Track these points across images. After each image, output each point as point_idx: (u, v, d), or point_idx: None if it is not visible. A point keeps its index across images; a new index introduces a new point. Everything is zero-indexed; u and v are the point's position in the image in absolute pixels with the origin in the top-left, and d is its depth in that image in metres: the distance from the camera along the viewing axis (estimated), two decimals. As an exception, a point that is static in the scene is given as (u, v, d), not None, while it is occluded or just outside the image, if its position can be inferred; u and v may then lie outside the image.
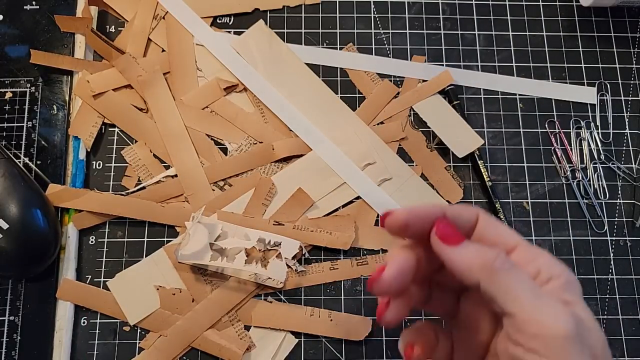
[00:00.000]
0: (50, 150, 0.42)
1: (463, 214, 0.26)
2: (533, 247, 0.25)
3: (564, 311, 0.22)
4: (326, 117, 0.44)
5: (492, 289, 0.23)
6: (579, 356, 0.22)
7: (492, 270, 0.23)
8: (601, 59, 0.47)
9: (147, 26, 0.45)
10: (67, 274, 0.40)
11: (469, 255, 0.24)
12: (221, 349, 0.38)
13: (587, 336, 0.23)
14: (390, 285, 0.25)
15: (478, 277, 0.23)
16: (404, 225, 0.25)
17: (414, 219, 0.25)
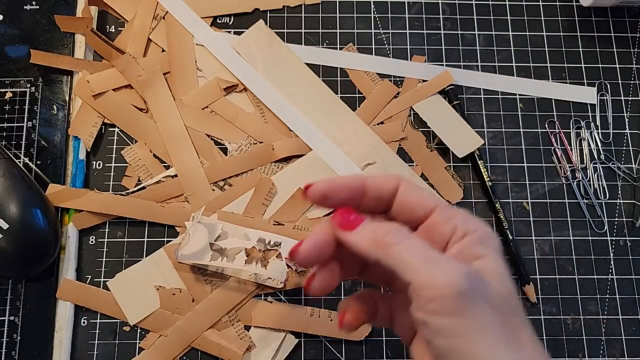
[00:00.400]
0: (50, 150, 0.42)
1: (383, 184, 0.27)
2: (451, 208, 0.27)
3: (456, 270, 0.23)
4: (326, 117, 0.44)
5: (389, 263, 0.24)
6: (475, 309, 0.23)
7: (385, 245, 0.24)
8: (601, 59, 0.47)
9: (147, 26, 0.45)
10: (67, 274, 0.40)
11: (363, 237, 0.25)
12: (221, 349, 0.38)
13: (484, 289, 0.23)
14: (307, 257, 0.27)
15: (375, 254, 0.25)
16: (323, 196, 0.27)
17: (333, 190, 0.27)
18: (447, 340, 0.23)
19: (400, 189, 0.27)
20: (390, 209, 0.27)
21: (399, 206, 0.27)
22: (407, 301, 0.26)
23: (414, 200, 0.27)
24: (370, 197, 0.27)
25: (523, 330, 0.24)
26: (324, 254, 0.27)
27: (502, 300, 0.24)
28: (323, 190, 0.27)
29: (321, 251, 0.27)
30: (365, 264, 0.30)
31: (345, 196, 0.27)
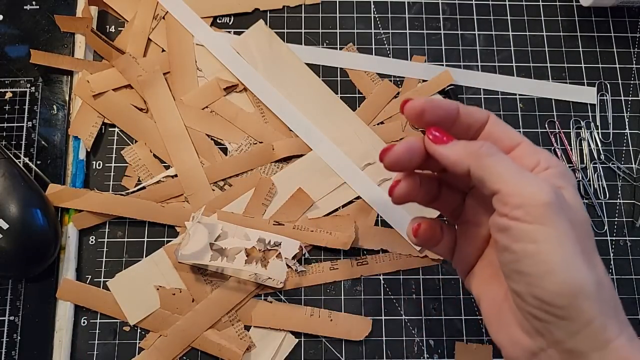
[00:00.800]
0: (50, 150, 0.42)
1: (475, 113, 0.29)
2: (536, 146, 0.28)
3: (546, 185, 0.24)
4: (326, 117, 0.44)
5: (480, 172, 0.26)
6: (558, 221, 0.24)
7: (478, 155, 0.26)
8: (601, 59, 0.47)
9: (147, 26, 0.45)
10: (67, 274, 0.40)
11: (457, 148, 0.27)
12: (221, 349, 0.38)
13: (567, 209, 0.25)
14: (398, 158, 0.28)
15: (467, 164, 0.26)
16: (422, 110, 0.28)
17: (431, 107, 0.28)
18: (527, 245, 0.24)
19: (490, 120, 0.29)
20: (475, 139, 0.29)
21: (486, 137, 0.29)
22: (472, 231, 0.30)
23: (502, 132, 0.28)
24: (461, 124, 0.29)
25: (596, 255, 0.26)
26: (412, 160, 0.29)
27: (580, 223, 0.25)
28: (422, 106, 0.28)
29: (411, 156, 0.28)
30: (439, 189, 0.31)
31: (440, 115, 0.28)
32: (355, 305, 0.40)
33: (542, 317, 0.24)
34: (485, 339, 0.40)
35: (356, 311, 0.40)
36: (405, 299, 0.41)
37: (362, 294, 0.40)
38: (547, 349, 0.25)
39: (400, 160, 0.29)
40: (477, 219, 0.30)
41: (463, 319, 0.40)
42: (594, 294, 0.23)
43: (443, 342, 0.40)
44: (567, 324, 0.24)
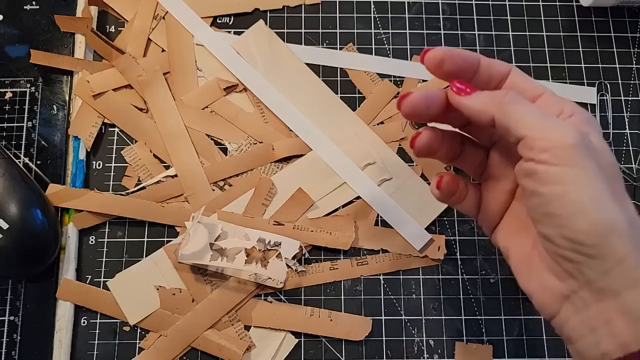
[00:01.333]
0: (50, 150, 0.43)
1: (496, 65, 0.29)
2: (559, 96, 0.28)
3: (571, 128, 0.25)
4: (326, 117, 0.44)
5: (505, 119, 0.26)
6: (585, 161, 0.24)
7: (502, 103, 0.26)
8: (601, 59, 0.47)
9: (147, 26, 0.45)
10: (67, 274, 0.40)
11: (481, 97, 0.27)
12: (221, 349, 0.38)
13: (594, 150, 0.25)
14: (415, 104, 0.29)
15: (492, 112, 0.26)
16: (441, 59, 0.28)
17: (451, 56, 0.28)
18: (555, 187, 0.24)
19: (512, 73, 0.29)
20: None
21: (509, 87, 0.29)
22: (497, 187, 0.30)
23: (524, 83, 0.29)
24: (482, 75, 0.29)
25: (626, 196, 0.26)
26: (430, 109, 0.29)
27: (608, 165, 0.26)
28: (442, 55, 0.28)
29: (429, 104, 0.29)
30: (462, 146, 0.32)
31: (460, 65, 0.28)
32: (355, 305, 0.40)
33: (573, 258, 0.24)
34: (485, 339, 0.40)
35: (356, 311, 0.40)
36: (405, 299, 0.41)
37: (362, 294, 0.41)
38: (579, 290, 0.25)
39: (416, 107, 0.29)
40: (502, 172, 0.30)
41: (463, 319, 0.40)
42: (625, 231, 0.23)
43: (443, 342, 0.40)
44: (599, 262, 0.24)
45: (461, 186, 0.31)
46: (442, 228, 0.42)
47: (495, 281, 0.41)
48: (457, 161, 0.32)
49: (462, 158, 0.32)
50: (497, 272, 0.41)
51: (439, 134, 0.30)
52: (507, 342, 0.40)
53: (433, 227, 0.42)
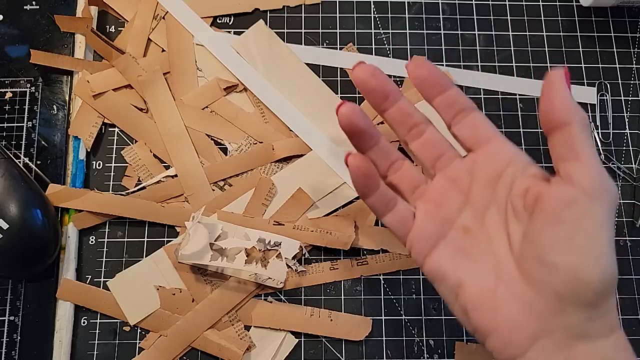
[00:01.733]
0: (50, 150, 0.43)
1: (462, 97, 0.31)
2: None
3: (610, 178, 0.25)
4: (326, 117, 0.44)
5: (578, 133, 0.25)
6: (612, 212, 0.25)
7: (585, 119, 0.26)
8: (601, 59, 0.47)
9: (147, 26, 0.45)
10: (67, 274, 0.40)
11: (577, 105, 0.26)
12: (221, 349, 0.38)
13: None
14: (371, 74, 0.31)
15: (572, 119, 0.26)
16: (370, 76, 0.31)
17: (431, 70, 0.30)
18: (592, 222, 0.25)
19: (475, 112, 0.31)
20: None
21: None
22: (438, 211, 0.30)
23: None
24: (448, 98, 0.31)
25: None
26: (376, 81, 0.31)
27: None
28: (427, 67, 0.30)
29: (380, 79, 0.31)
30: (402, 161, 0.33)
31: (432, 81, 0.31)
32: (355, 305, 0.40)
33: (569, 299, 0.24)
34: (485, 339, 0.40)
35: (356, 311, 0.40)
36: (405, 299, 0.41)
37: (362, 294, 0.41)
38: (555, 332, 0.25)
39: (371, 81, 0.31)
40: (444, 200, 0.30)
41: (463, 319, 0.40)
42: (615, 285, 0.24)
43: (443, 342, 0.40)
44: (592, 310, 0.24)
45: (372, 171, 0.31)
46: (442, 228, 0.42)
47: (495, 281, 0.41)
48: (394, 176, 0.32)
49: (400, 174, 0.32)
50: (497, 272, 0.41)
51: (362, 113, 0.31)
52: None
53: (433, 227, 0.42)
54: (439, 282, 0.29)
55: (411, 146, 0.32)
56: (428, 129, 0.32)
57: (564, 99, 0.26)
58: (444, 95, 0.30)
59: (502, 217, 0.28)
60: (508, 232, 0.28)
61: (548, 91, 0.26)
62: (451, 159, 0.31)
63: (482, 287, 0.27)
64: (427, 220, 0.30)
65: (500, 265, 0.28)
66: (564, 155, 0.26)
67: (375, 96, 0.31)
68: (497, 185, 0.29)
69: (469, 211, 0.30)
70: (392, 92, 0.31)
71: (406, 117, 0.31)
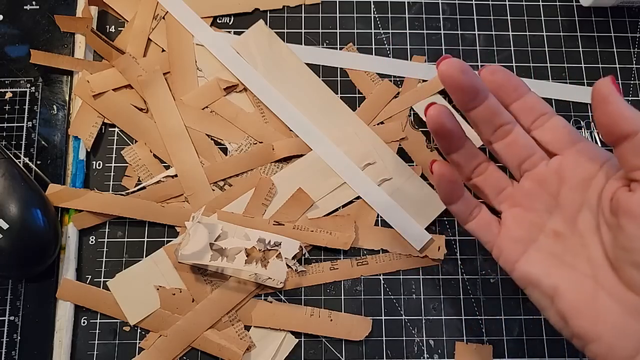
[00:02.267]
0: (50, 150, 0.43)
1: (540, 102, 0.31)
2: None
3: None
4: (326, 117, 0.44)
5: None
6: None
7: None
8: (601, 59, 0.47)
9: (147, 26, 0.45)
10: (67, 274, 0.40)
11: (634, 109, 0.26)
12: (221, 349, 0.38)
13: None
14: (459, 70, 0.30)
15: (639, 127, 0.25)
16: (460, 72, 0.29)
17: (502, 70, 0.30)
18: None
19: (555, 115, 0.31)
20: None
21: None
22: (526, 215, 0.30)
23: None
24: (527, 101, 0.31)
25: None
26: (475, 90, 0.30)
27: None
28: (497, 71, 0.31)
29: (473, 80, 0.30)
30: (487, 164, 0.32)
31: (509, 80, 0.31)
32: (355, 305, 0.40)
33: None
34: (485, 339, 0.40)
35: (356, 311, 0.40)
36: (405, 299, 0.41)
37: (362, 294, 0.41)
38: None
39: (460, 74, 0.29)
40: (533, 204, 0.30)
41: (463, 319, 0.40)
42: None
43: (443, 342, 0.40)
44: None
45: (457, 178, 0.31)
46: (442, 228, 0.42)
47: (495, 281, 0.41)
48: (478, 179, 0.32)
49: (485, 177, 0.32)
50: (497, 272, 0.41)
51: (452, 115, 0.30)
52: (507, 342, 0.40)
53: (433, 227, 0.42)
54: (531, 288, 0.29)
55: (496, 146, 0.31)
56: (515, 130, 0.31)
57: (623, 109, 0.25)
58: (522, 99, 0.30)
59: (595, 221, 0.28)
60: (601, 236, 0.27)
61: (603, 104, 0.26)
62: (538, 160, 0.30)
63: (581, 293, 0.27)
64: (516, 224, 0.30)
65: (597, 270, 0.27)
66: (637, 163, 0.25)
67: (464, 94, 0.30)
68: (589, 188, 0.28)
69: (559, 215, 0.29)
70: (481, 89, 0.30)
71: (493, 117, 0.30)
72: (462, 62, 0.29)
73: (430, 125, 0.30)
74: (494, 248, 0.31)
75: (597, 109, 0.26)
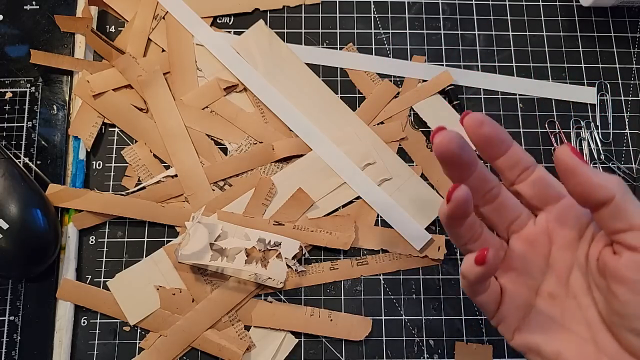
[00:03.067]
0: (50, 150, 0.42)
1: (524, 155, 0.29)
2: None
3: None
4: (326, 117, 0.44)
5: (624, 204, 0.25)
6: None
7: (622, 184, 0.25)
8: (601, 59, 0.47)
9: (147, 26, 0.45)
10: (67, 274, 0.40)
11: (604, 173, 0.25)
12: (221, 349, 0.38)
13: None
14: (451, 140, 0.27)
15: (614, 190, 0.25)
16: (481, 122, 0.27)
17: (490, 122, 0.28)
18: None
19: (538, 168, 0.29)
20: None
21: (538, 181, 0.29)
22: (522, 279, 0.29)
23: (552, 180, 0.29)
24: (510, 158, 0.28)
25: None
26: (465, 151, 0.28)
27: None
28: (483, 118, 0.28)
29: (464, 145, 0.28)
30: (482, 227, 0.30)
31: (497, 134, 0.28)
32: (355, 305, 0.40)
33: None
34: (485, 339, 0.40)
35: (356, 311, 0.40)
36: (405, 299, 0.41)
37: (362, 294, 0.41)
38: None
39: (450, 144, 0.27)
40: (526, 266, 0.29)
41: (463, 319, 0.40)
42: None
43: (443, 342, 0.40)
44: None
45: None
46: (442, 228, 0.42)
47: (495, 281, 0.41)
48: (474, 244, 0.30)
49: (480, 241, 0.30)
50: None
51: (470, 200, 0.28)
52: (507, 342, 0.40)
53: (433, 227, 0.42)
54: (532, 355, 0.28)
55: (483, 210, 0.30)
56: (501, 192, 0.30)
57: (593, 177, 0.25)
58: (507, 154, 0.28)
59: (586, 282, 0.27)
60: (593, 297, 0.27)
61: (573, 177, 0.25)
62: (525, 220, 0.29)
63: (582, 357, 0.26)
64: (515, 291, 0.29)
65: (596, 334, 0.26)
66: (618, 227, 0.25)
67: (459, 170, 0.29)
68: (577, 249, 0.28)
69: (552, 276, 0.28)
70: (474, 161, 0.29)
71: (482, 184, 0.29)
72: (459, 136, 0.27)
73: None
74: (495, 317, 0.29)
75: (567, 181, 0.26)
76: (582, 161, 0.25)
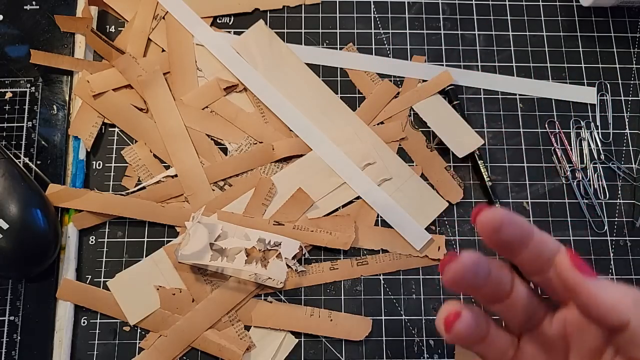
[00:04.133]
0: (50, 150, 0.42)
1: (548, 242, 0.24)
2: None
3: None
4: (326, 117, 0.44)
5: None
6: None
7: (636, 301, 0.21)
8: (601, 59, 0.47)
9: (147, 26, 0.45)
10: (67, 274, 0.40)
11: (616, 290, 0.21)
12: (221, 349, 0.38)
13: None
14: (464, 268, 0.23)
15: (628, 314, 0.21)
16: (500, 225, 0.23)
17: (509, 223, 0.23)
18: None
19: (562, 251, 0.23)
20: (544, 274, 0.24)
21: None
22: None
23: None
24: (532, 251, 0.24)
25: None
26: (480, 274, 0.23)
27: None
28: (502, 219, 0.23)
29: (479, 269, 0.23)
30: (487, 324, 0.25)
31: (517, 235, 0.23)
32: (355, 305, 0.40)
33: None
34: (485, 339, 0.40)
35: (356, 311, 0.40)
36: (405, 299, 0.41)
37: (362, 294, 0.41)
38: None
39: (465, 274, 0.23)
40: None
41: (463, 319, 0.40)
42: None
43: (443, 342, 0.40)
44: None
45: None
46: (442, 228, 0.42)
47: (495, 281, 0.41)
48: (480, 346, 0.25)
49: (486, 342, 0.25)
50: (497, 272, 0.41)
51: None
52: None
53: (433, 227, 0.42)
54: None
55: (494, 308, 0.26)
56: (515, 287, 0.25)
57: (601, 294, 0.21)
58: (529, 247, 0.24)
59: None
60: None
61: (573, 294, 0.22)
62: (541, 317, 0.26)
63: None
64: None
65: None
66: (636, 354, 0.22)
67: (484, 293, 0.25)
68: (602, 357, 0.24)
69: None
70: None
71: (497, 286, 0.25)
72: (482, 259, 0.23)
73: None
74: None
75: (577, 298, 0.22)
76: (587, 273, 0.22)
